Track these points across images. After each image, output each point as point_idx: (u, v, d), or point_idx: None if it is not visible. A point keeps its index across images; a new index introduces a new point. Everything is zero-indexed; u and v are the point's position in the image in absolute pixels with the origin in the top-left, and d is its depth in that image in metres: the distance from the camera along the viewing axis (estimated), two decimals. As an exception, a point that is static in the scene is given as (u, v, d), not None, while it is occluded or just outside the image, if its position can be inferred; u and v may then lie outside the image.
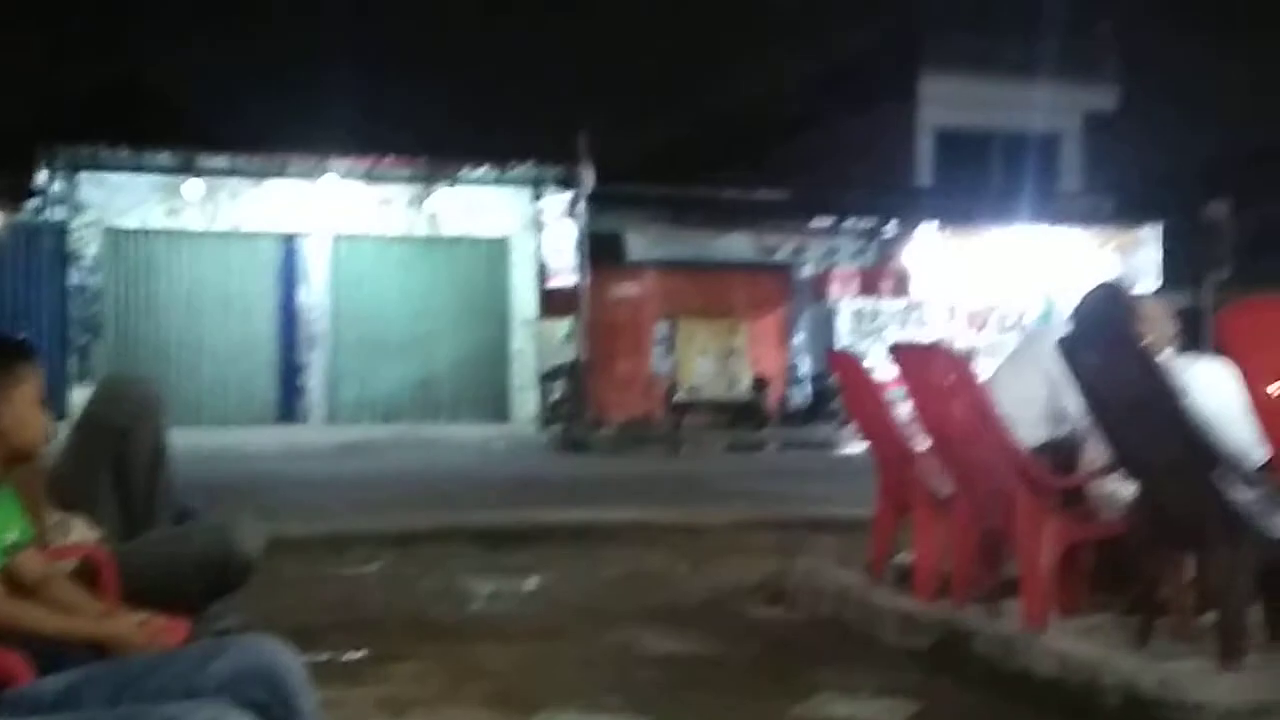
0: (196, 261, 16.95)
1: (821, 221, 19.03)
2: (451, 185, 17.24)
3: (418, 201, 17.25)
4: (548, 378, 17.40)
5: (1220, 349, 3.76)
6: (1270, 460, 3.69)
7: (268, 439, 15.27)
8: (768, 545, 6.89)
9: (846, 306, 19.18)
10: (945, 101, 24.44)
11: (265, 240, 17.11)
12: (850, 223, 19.10)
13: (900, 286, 19.54)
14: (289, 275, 17.23)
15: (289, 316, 17.21)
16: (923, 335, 17.49)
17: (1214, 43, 23.40)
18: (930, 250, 19.41)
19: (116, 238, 16.58)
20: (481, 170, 17.40)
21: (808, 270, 19.56)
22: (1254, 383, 3.33)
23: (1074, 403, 4.29)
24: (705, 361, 18.73)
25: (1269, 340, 3.31)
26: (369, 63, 25.25)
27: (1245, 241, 19.44)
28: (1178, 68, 24.30)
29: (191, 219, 16.72)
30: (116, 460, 3.66)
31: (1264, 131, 24.14)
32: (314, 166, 16.77)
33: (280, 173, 16.76)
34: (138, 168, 16.48)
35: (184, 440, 4.57)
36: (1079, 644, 3.99)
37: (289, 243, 17.17)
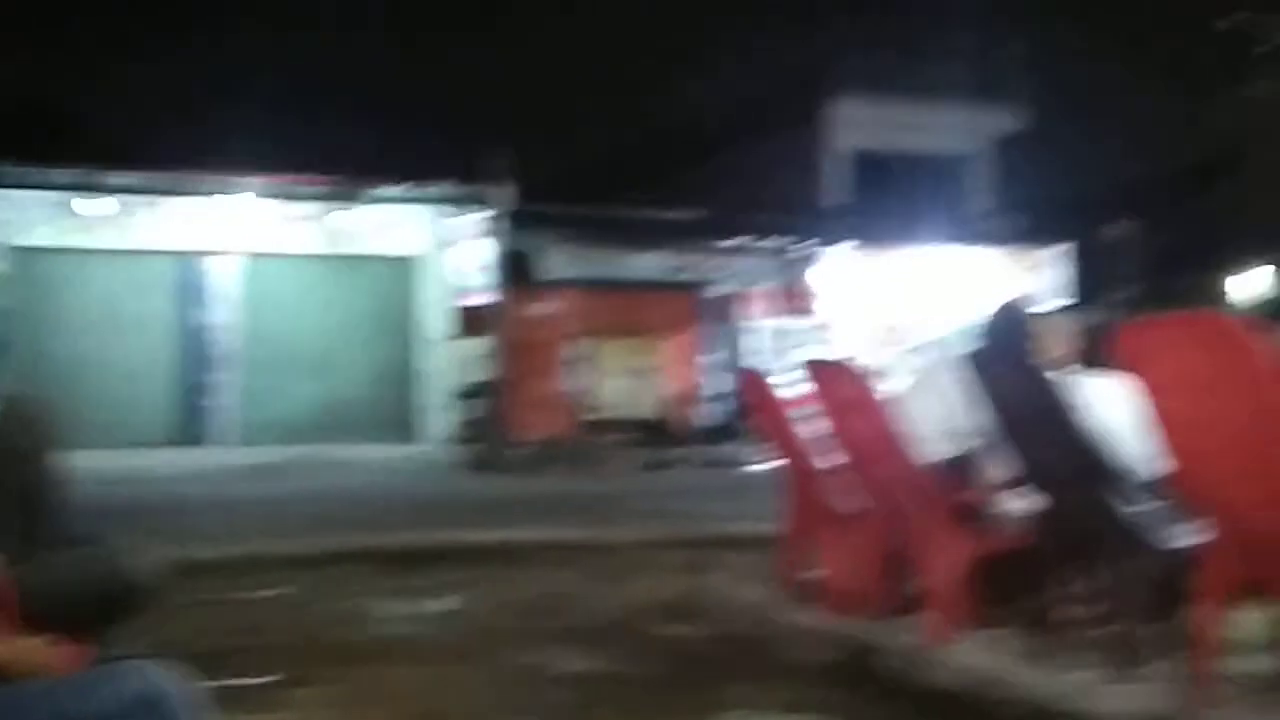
0: (103, 280, 16.60)
1: (735, 241, 19.19)
2: (363, 203, 17.08)
3: (329, 220, 17.06)
4: (460, 397, 17.29)
5: (1119, 365, 3.85)
6: (1166, 475, 3.79)
7: (174, 461, 14.97)
8: (679, 563, 6.91)
9: (759, 326, 19.34)
10: (859, 124, 24.80)
11: (172, 258, 16.81)
12: (763, 243, 19.28)
13: (812, 306, 19.75)
14: (196, 294, 16.94)
15: (196, 336, 16.91)
16: (834, 354, 17.68)
17: (1121, 67, 24.04)
18: (843, 270, 19.66)
19: (20, 256, 16.17)
20: (394, 188, 17.27)
21: (721, 290, 19.69)
22: (1150, 397, 3.41)
23: (976, 419, 4.37)
24: (619, 381, 18.76)
25: (1164, 356, 3.40)
26: (279, 80, 24.94)
27: (1151, 261, 19.98)
28: (1086, 91, 24.91)
29: (98, 237, 16.37)
30: (15, 482, 3.57)
31: (1170, 154, 24.84)
32: (223, 184, 16.51)
33: (188, 190, 16.48)
34: (42, 184, 16.10)
35: (88, 462, 4.47)
36: (980, 657, 4.06)
37: (197, 261, 16.89)
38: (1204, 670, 3.39)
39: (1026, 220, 22.56)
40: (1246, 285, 21.04)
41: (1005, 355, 4.52)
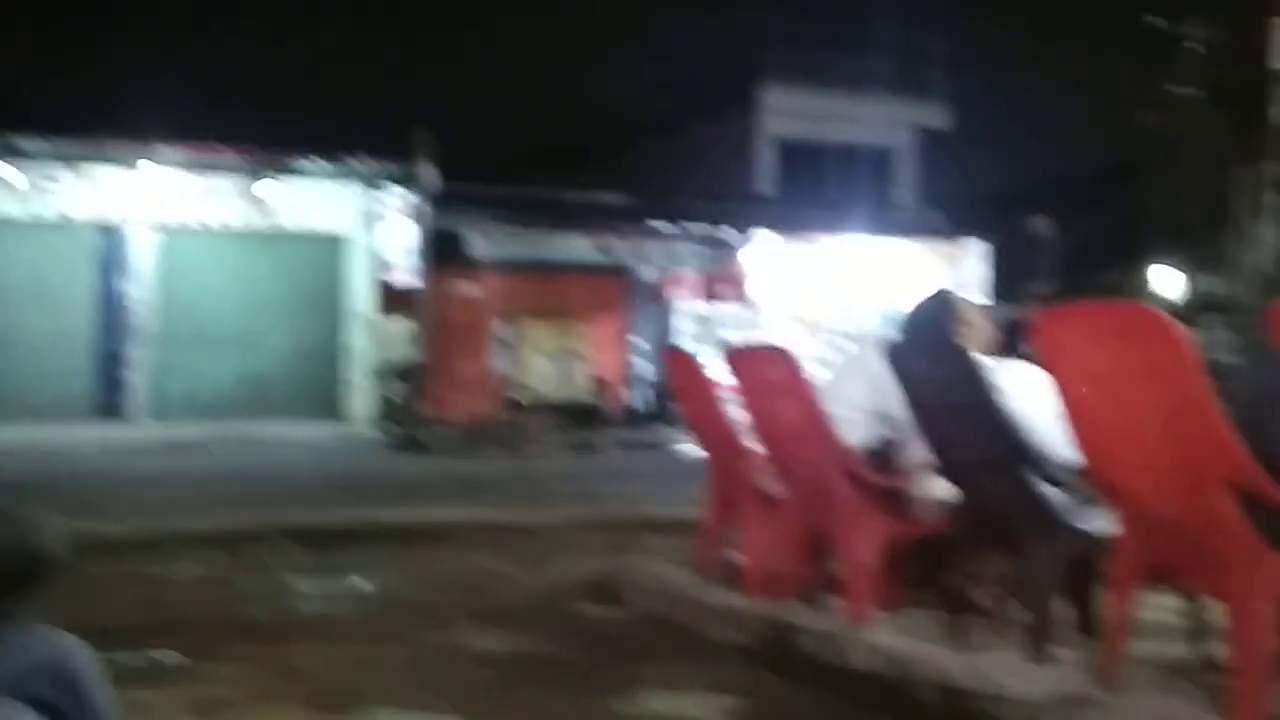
0: (10, 249, 16.16)
1: (662, 226, 19.19)
2: (284, 177, 16.80)
3: (249, 193, 16.77)
4: (385, 376, 17.12)
5: (1032, 355, 3.89)
6: (1079, 462, 3.84)
7: (86, 435, 14.65)
8: (600, 544, 6.90)
9: (686, 310, 19.38)
10: (785, 113, 24.95)
11: (84, 228, 16.41)
12: (690, 228, 19.30)
13: (739, 292, 19.83)
14: (110, 265, 16.56)
15: (110, 309, 16.54)
16: (759, 338, 17.77)
17: (1046, 65, 24.40)
18: (768, 257, 19.75)
19: (-73, 223, 15.73)
20: (317, 163, 17.01)
21: (648, 273, 19.69)
22: (1062, 387, 3.45)
23: (898, 406, 4.39)
24: (545, 362, 18.69)
25: (1078, 346, 3.44)
26: (205, 52, 24.44)
27: (1070, 256, 20.32)
28: (1011, 89, 25.26)
29: (6, 205, 15.94)
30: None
31: (1092, 151, 25.28)
32: (138, 153, 16.14)
33: (100, 158, 16.09)
34: (-51, 150, 15.65)
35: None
36: (898, 639, 4.09)
37: (110, 232, 16.51)
38: (1115, 653, 3.44)
39: (946, 214, 22.84)
40: (1164, 281, 21.48)
41: (926, 342, 4.55)
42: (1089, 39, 22.33)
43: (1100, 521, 3.69)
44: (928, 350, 4.38)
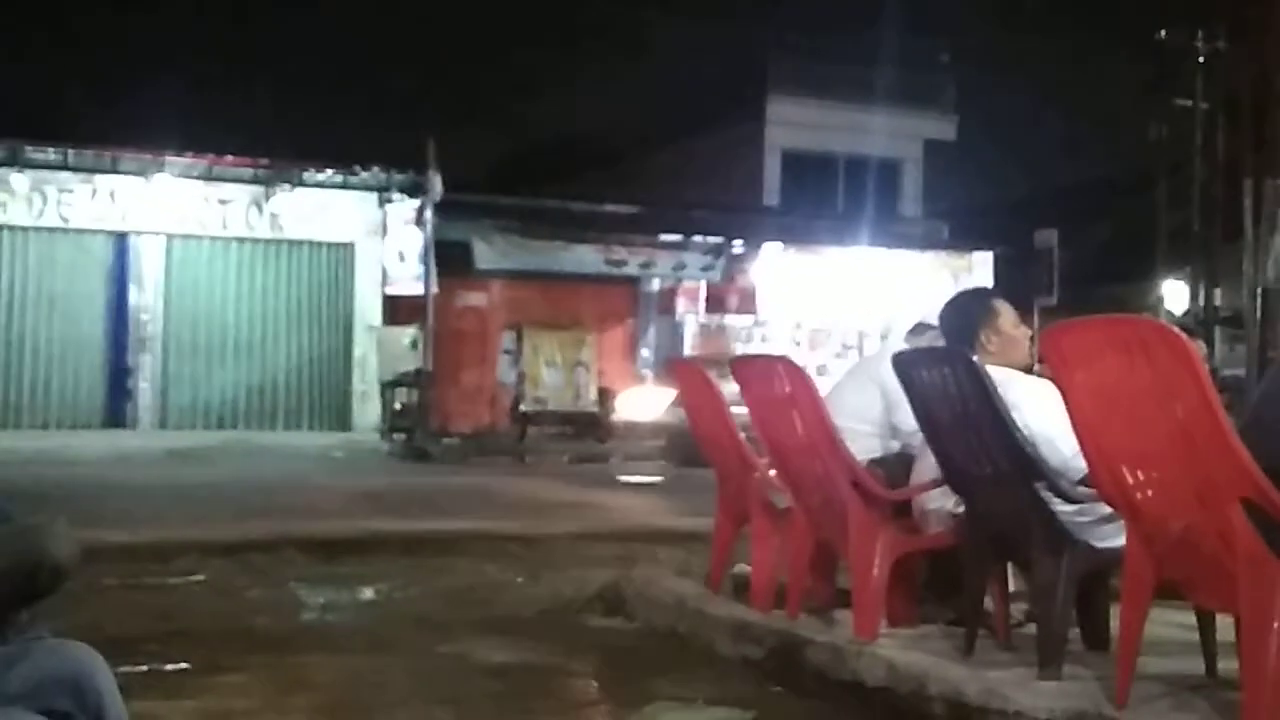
0: (21, 258, 16.21)
1: (669, 236, 19.19)
2: (294, 187, 16.84)
3: (258, 203, 16.81)
4: (391, 386, 17.12)
5: (1046, 367, 3.87)
6: (1088, 475, 3.82)
7: (94, 443, 14.66)
8: (608, 556, 6.87)
9: (692, 321, 19.38)
10: (791, 123, 24.96)
11: (95, 237, 16.46)
12: (698, 239, 19.31)
13: (746, 303, 19.83)
14: (120, 275, 16.61)
15: (119, 317, 16.58)
16: (766, 349, 17.76)
17: (1052, 77, 24.44)
18: (775, 268, 19.75)
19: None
20: (325, 174, 17.05)
21: (655, 284, 19.70)
22: (1071, 401, 3.44)
23: (908, 418, 4.38)
24: (551, 373, 18.67)
25: (1088, 359, 3.43)
26: (210, 59, 24.54)
27: (1075, 268, 20.29)
28: (1014, 101, 25.29)
29: (17, 214, 15.99)
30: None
31: (1097, 163, 25.27)
32: (148, 163, 16.19)
33: (112, 168, 16.14)
34: (-39, 159, 15.70)
35: (3, 443, 4.35)
36: (907, 653, 4.07)
37: (121, 241, 16.55)
38: (1126, 669, 3.43)
39: (952, 226, 22.82)
40: (1172, 295, 21.45)
41: (940, 353, 4.53)
42: (1097, 51, 22.35)
43: (1111, 536, 3.67)
44: (935, 361, 4.36)
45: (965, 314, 4.44)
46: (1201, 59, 18.95)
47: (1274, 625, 3.04)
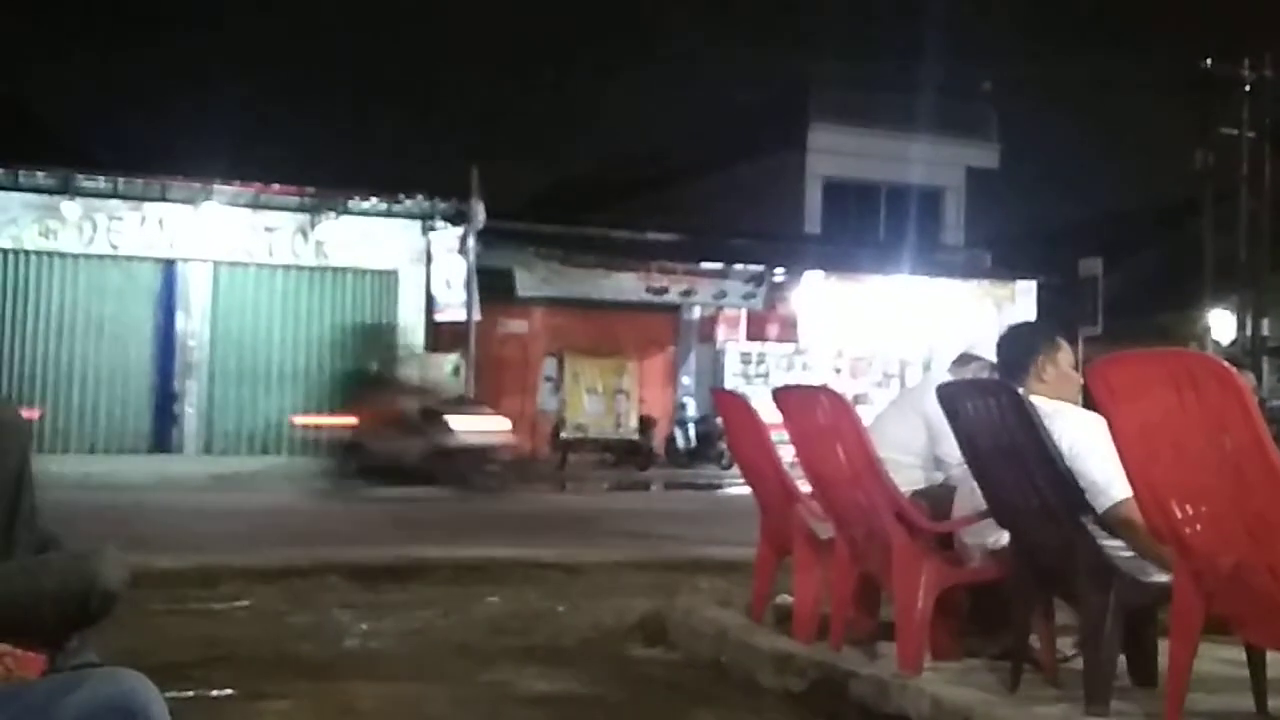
0: (72, 284, 16.47)
1: (710, 264, 19.22)
2: (339, 215, 17.02)
3: (304, 231, 16.99)
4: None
5: (1089, 402, 3.84)
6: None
7: (140, 468, 14.83)
8: (648, 585, 6.87)
9: (733, 349, 19.37)
10: (833, 152, 24.97)
11: (144, 264, 16.69)
12: (739, 266, 19.32)
13: (786, 331, 19.80)
14: (168, 301, 16.82)
15: (166, 344, 16.78)
16: (807, 380, 17.71)
17: (1097, 105, 24.33)
18: (816, 297, 19.71)
19: (-5, 258, 16.05)
20: (370, 202, 17.22)
21: (696, 312, 19.71)
22: (1118, 433, 3.41)
23: (952, 449, 4.35)
24: (592, 399, 18.72)
25: (1135, 392, 3.40)
26: (257, 90, 24.88)
27: (1119, 297, 20.14)
28: (1057, 129, 25.17)
29: (68, 241, 16.25)
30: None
31: (1142, 191, 25.09)
32: (196, 191, 16.43)
33: (161, 196, 16.39)
34: (13, 186, 15.98)
35: (52, 467, 4.41)
36: (952, 688, 4.04)
37: (168, 268, 16.78)
38: (1175, 706, 3.38)
39: (995, 254, 22.68)
40: (1218, 324, 21.23)
41: (985, 384, 4.50)
42: (1141, 79, 22.24)
43: (1159, 571, 3.63)
44: (981, 392, 4.34)
45: (1024, 345, 4.40)
46: (1248, 87, 18.81)
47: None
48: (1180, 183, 22.07)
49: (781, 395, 5.33)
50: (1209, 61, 18.95)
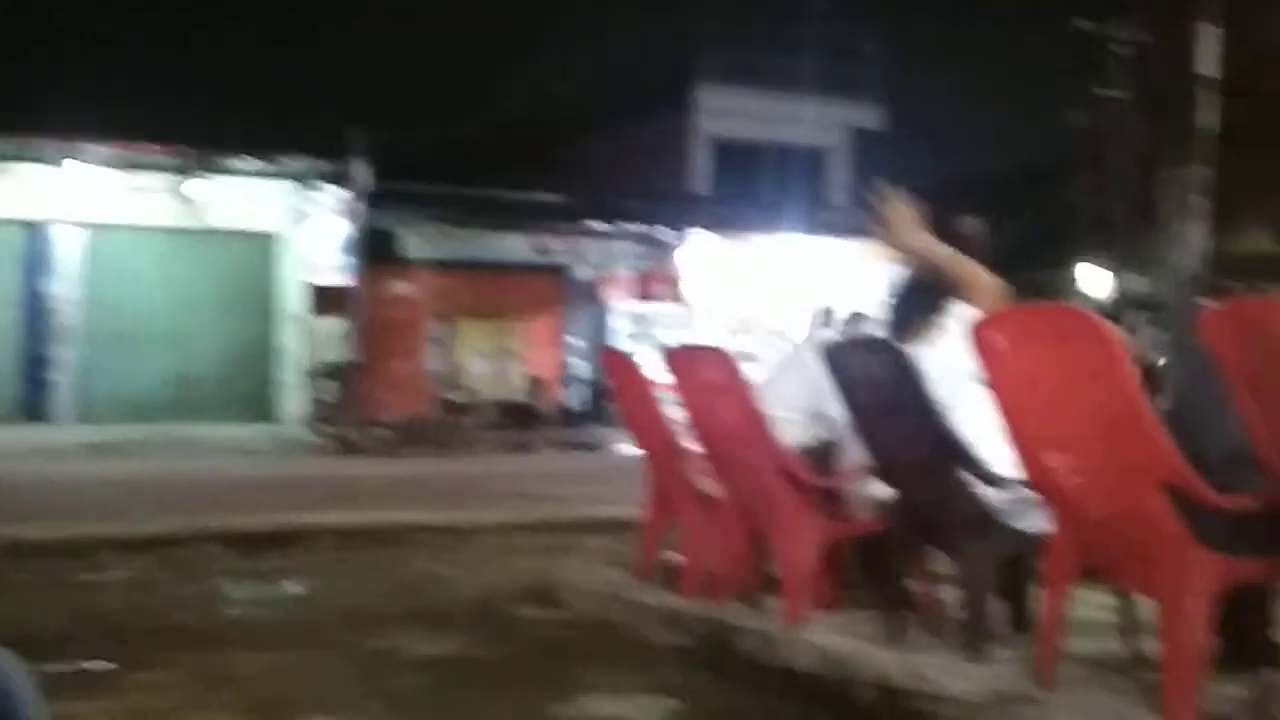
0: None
1: (598, 225, 19.16)
2: (214, 175, 16.55)
3: (178, 191, 16.49)
4: (317, 376, 16.92)
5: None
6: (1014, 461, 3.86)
7: (10, 437, 14.33)
8: (538, 546, 6.86)
9: (622, 310, 19.37)
10: (720, 112, 25.04)
11: (8, 227, 16.07)
12: (626, 227, 19.30)
13: (675, 291, 19.85)
14: (35, 265, 16.23)
15: (35, 308, 16.21)
16: (696, 339, 17.81)
17: (973, 66, 24.73)
18: (704, 257, 19.79)
19: None
20: (248, 162, 16.76)
21: (584, 273, 19.65)
22: (996, 388, 3.47)
23: (836, 406, 4.40)
24: (480, 362, 18.60)
25: (1012, 346, 3.46)
26: (125, 44, 23.99)
27: (1000, 256, 20.55)
28: (939, 88, 25.54)
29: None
30: None
31: (1018, 151, 25.58)
32: (62, 150, 15.80)
33: (24, 156, 15.73)
34: None
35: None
36: (836, 639, 4.10)
37: (35, 230, 16.17)
38: (1050, 651, 3.48)
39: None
40: (1091, 280, 21.81)
41: (869, 342, 4.56)
42: (1023, 41, 22.64)
43: (1035, 520, 3.72)
44: (865, 350, 4.39)
45: (912, 303, 4.47)
46: (1120, 49, 19.29)
47: (1192, 606, 3.10)
48: (1057, 142, 22.56)
49: (671, 355, 5.34)
50: (1083, 20, 19.38)
